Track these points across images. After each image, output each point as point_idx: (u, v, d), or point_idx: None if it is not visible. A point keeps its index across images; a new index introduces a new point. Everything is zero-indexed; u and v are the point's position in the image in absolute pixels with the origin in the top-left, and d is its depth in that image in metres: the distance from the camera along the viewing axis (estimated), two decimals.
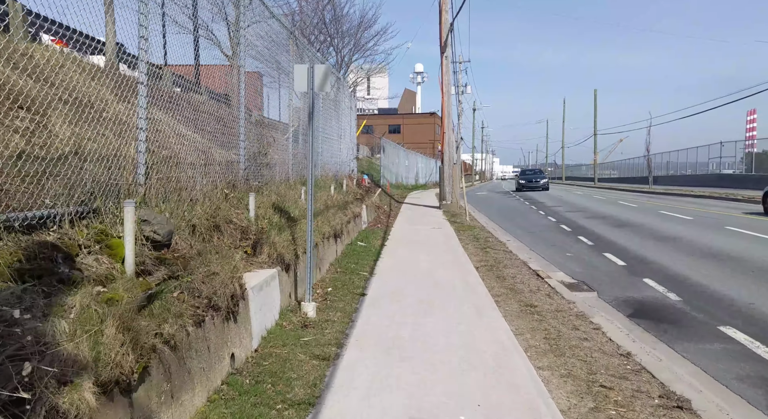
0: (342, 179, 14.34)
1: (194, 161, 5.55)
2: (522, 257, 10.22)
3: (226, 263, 4.29)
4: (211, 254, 4.62)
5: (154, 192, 4.48)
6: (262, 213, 6.30)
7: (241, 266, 4.53)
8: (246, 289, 4.50)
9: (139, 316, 2.93)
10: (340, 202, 11.30)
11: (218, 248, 5.29)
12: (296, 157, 10.87)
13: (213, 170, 6.03)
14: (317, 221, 8.09)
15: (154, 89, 5.21)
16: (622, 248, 11.14)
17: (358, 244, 11.09)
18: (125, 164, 4.21)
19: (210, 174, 5.88)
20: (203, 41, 10.00)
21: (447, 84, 21.17)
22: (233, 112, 6.89)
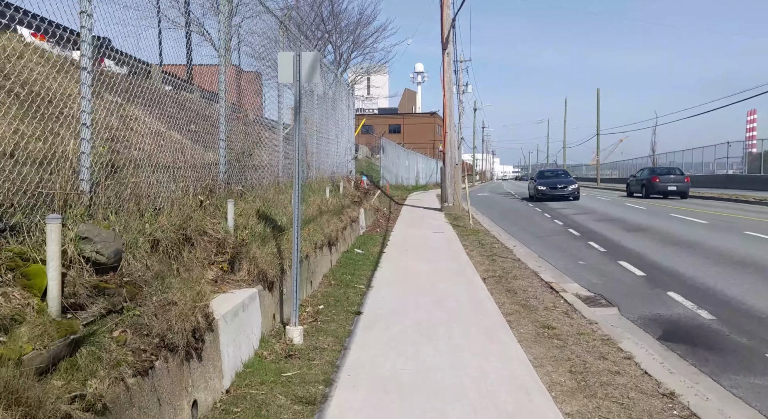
0: (339, 181, 13.59)
1: (160, 163, 4.80)
2: (531, 265, 9.46)
3: (189, 288, 3.53)
4: (173, 276, 3.87)
5: (104, 201, 3.73)
6: (243, 222, 5.55)
7: (208, 291, 3.78)
8: (214, 319, 3.74)
9: (49, 376, 2.18)
10: (336, 206, 10.54)
11: (189, 266, 4.55)
12: (289, 158, 10.12)
13: (186, 174, 5.28)
14: (309, 228, 7.34)
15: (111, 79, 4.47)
16: (638, 256, 10.39)
17: (355, 252, 10.34)
18: (62, 168, 3.45)
19: (181, 178, 5.13)
20: (195, 37, 9.31)
21: (449, 81, 20.42)
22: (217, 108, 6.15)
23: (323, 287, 7.34)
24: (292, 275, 5.03)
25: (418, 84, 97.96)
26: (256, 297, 4.76)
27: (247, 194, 6.51)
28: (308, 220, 7.78)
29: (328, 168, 13.05)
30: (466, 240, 12.58)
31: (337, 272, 8.27)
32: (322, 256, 7.77)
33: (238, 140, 6.65)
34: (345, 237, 10.36)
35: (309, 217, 7.92)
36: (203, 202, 5.24)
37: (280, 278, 5.51)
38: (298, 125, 4.95)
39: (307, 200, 8.60)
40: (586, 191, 43.51)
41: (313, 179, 10.89)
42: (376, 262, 9.35)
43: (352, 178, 17.42)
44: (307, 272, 6.79)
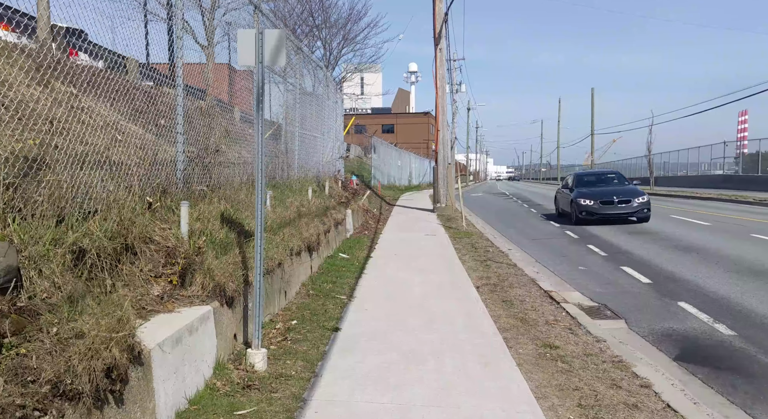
0: (325, 181, 12.87)
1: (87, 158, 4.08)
2: (528, 272, 8.79)
3: (107, 313, 2.81)
4: (101, 295, 3.15)
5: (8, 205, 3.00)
6: (201, 227, 4.83)
7: (132, 315, 3.04)
8: (143, 350, 3.02)
9: None
10: (319, 208, 9.83)
11: (130, 280, 3.84)
12: (270, 155, 9.40)
13: (132, 171, 4.55)
14: (284, 233, 6.63)
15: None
16: (641, 261, 9.73)
17: (339, 256, 9.62)
18: None
19: (126, 176, 4.41)
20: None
21: (441, 78, 19.75)
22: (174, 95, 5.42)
23: (300, 297, 6.63)
24: (255, 291, 4.31)
25: (411, 84, 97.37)
26: (210, 317, 4.04)
27: (211, 194, 5.78)
28: (284, 223, 7.06)
29: (313, 167, 12.33)
30: (459, 243, 11.90)
31: (317, 280, 7.56)
32: (299, 263, 7.06)
33: (202, 134, 5.92)
34: (329, 241, 9.65)
35: (286, 220, 7.20)
36: (152, 204, 4.52)
37: (243, 292, 4.79)
38: (260, 118, 4.23)
39: (284, 202, 7.89)
40: None
41: (294, 179, 10.18)
42: (362, 268, 8.64)
43: (340, 178, 16.71)
44: (281, 282, 6.08)
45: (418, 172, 49.84)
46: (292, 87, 10.38)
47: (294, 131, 10.63)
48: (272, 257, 5.75)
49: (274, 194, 8.04)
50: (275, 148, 9.39)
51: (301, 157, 11.16)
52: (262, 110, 4.20)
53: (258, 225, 4.32)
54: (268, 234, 6.12)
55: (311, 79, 13.34)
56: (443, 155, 19.97)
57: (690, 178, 44.18)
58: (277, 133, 10.71)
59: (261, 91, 4.19)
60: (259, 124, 4.25)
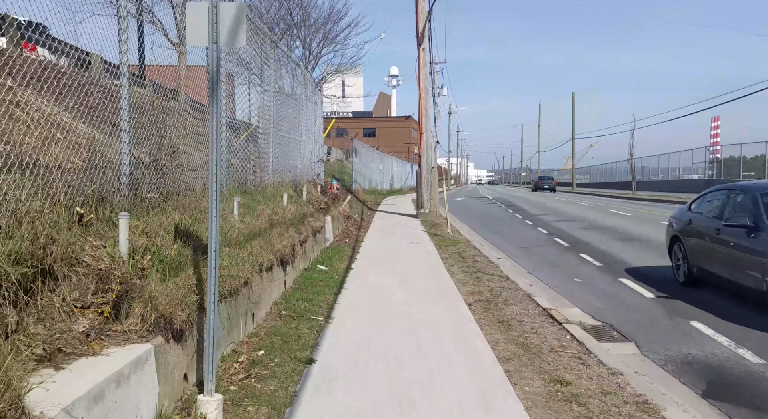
0: (302, 186, 12.08)
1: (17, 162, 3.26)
2: (522, 285, 8.11)
3: None
4: None
5: None
6: (147, 243, 4.02)
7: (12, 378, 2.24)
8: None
9: None
10: (295, 215, 9.04)
11: (46, 314, 3.05)
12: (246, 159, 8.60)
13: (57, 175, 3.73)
14: (252, 246, 5.83)
15: None
16: (640, 272, 9.13)
17: (317, 268, 8.84)
18: None
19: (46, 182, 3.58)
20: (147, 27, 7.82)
21: (424, 79, 19.08)
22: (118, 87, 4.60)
23: (271, 319, 5.83)
24: (208, 324, 3.52)
25: (392, 88, 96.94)
26: (150, 358, 3.24)
27: (165, 203, 4.97)
28: (254, 235, 6.26)
29: (289, 171, 11.53)
30: (446, 252, 11.20)
31: (291, 297, 6.77)
32: (270, 280, 6.27)
33: (155, 132, 5.10)
34: (305, 251, 8.85)
35: (256, 231, 6.40)
36: (83, 216, 3.70)
37: (198, 321, 3.99)
38: (216, 112, 3.45)
39: (255, 210, 7.09)
40: (564, 196, 42.77)
41: (268, 184, 9.37)
42: (341, 283, 7.87)
43: (319, 182, 15.91)
44: (248, 304, 5.28)
45: (400, 176, 49.21)
46: (267, 84, 9.58)
47: (268, 132, 9.82)
48: (237, 276, 4.96)
49: (243, 200, 7.23)
50: (246, 150, 8.58)
51: (276, 160, 10.36)
52: (217, 101, 3.42)
53: (212, 241, 3.53)
54: (233, 249, 5.33)
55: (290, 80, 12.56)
56: (427, 159, 19.30)
57: (671, 183, 44.27)
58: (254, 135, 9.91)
59: (216, 78, 3.41)
60: (215, 118, 3.47)
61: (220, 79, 3.38)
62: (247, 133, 10.37)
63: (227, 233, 5.43)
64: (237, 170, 7.85)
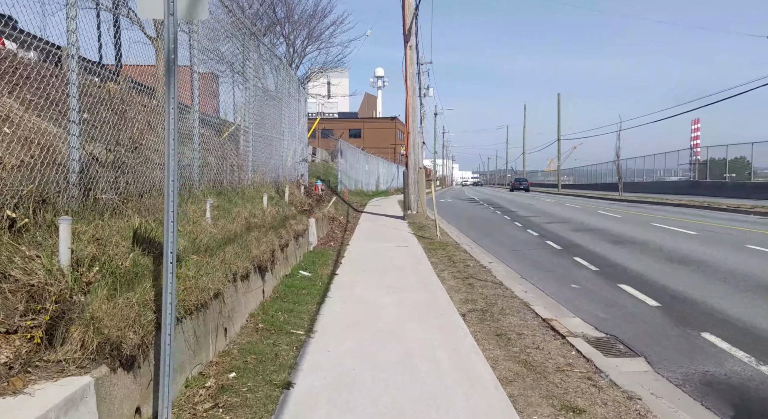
0: (285, 187, 11.50)
1: None
2: (517, 292, 7.63)
3: None
4: None
5: None
6: (95, 253, 3.44)
7: None
8: None
9: None
10: (276, 218, 8.47)
11: None
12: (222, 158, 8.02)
13: None
14: (224, 253, 5.26)
15: None
16: (639, 277, 8.71)
17: (299, 274, 8.28)
18: None
19: None
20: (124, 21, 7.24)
21: (412, 78, 18.60)
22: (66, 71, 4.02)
23: (246, 334, 5.27)
24: (162, 350, 2.96)
25: (378, 89, 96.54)
26: (89, 393, 2.68)
27: (124, 206, 4.39)
28: (228, 240, 5.70)
29: (271, 171, 10.95)
30: (435, 256, 10.70)
31: (270, 308, 6.20)
32: (246, 289, 5.70)
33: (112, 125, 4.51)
34: (287, 257, 8.29)
35: (230, 235, 5.83)
36: (16, 221, 3.12)
37: (155, 343, 3.42)
38: (172, 96, 2.90)
39: (230, 212, 6.51)
40: (551, 197, 42.55)
41: (247, 184, 8.79)
42: (325, 290, 7.32)
43: (303, 183, 15.33)
44: (218, 319, 4.72)
45: (386, 177, 48.72)
46: (247, 81, 9.01)
47: (248, 129, 9.25)
48: (206, 287, 4.39)
49: (218, 202, 6.66)
50: (224, 148, 8.00)
51: (256, 159, 9.78)
52: (174, 84, 2.87)
53: (167, 251, 2.98)
54: (202, 256, 4.76)
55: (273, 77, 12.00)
56: (414, 159, 18.80)
57: (656, 184, 44.39)
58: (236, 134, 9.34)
59: (173, 57, 2.86)
60: (171, 104, 2.91)
61: (176, 58, 2.82)
62: (229, 131, 9.81)
63: (195, 239, 4.86)
64: (212, 170, 7.27)
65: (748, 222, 17.47)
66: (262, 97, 10.89)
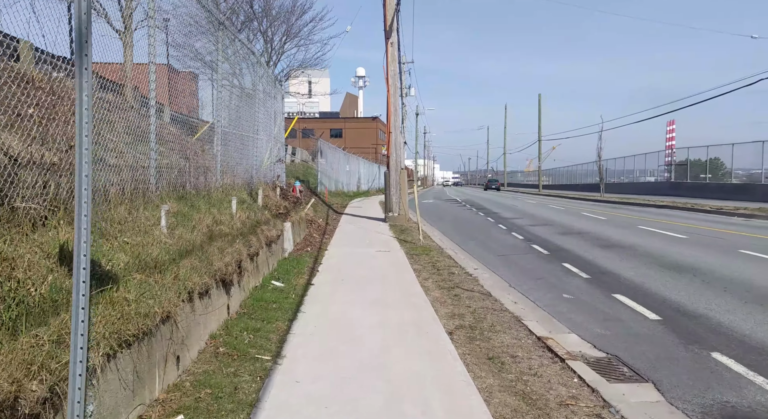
0: (258, 189, 10.80)
1: None
2: (507, 303, 7.07)
3: None
4: None
5: None
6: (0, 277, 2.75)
7: None
8: None
9: None
10: (246, 223, 7.79)
11: None
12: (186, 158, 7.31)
13: None
14: (178, 268, 4.58)
15: None
16: (633, 285, 8.22)
17: (271, 285, 7.61)
18: None
19: None
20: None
21: (393, 75, 17.99)
22: None
23: (204, 361, 4.60)
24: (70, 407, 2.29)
25: (359, 88, 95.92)
26: None
27: (52, 216, 3.69)
28: (185, 252, 5.01)
29: (243, 172, 10.24)
30: (418, 262, 10.12)
31: (234, 326, 5.53)
32: (206, 308, 5.02)
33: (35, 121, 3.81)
34: (257, 266, 7.61)
35: (188, 247, 5.15)
36: None
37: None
38: (84, 74, 2.23)
39: (189, 219, 5.82)
40: (534, 198, 42.30)
41: (215, 187, 8.09)
42: (299, 304, 6.66)
43: (280, 184, 14.62)
44: (169, 346, 4.04)
45: (367, 177, 48.08)
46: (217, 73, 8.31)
47: (219, 128, 8.54)
48: (149, 313, 3.71)
49: (178, 208, 5.97)
50: (185, 147, 7.30)
51: (227, 160, 9.08)
52: (85, 66, 2.20)
53: (78, 277, 2.30)
54: (147, 275, 4.07)
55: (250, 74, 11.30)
56: (396, 159, 18.20)
57: (636, 185, 44.49)
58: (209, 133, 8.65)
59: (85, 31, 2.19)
60: (83, 90, 2.24)
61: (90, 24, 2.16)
62: (202, 130, 9.13)
63: (141, 254, 4.17)
64: (173, 171, 6.56)
65: (734, 224, 17.22)
66: (234, 94, 10.20)
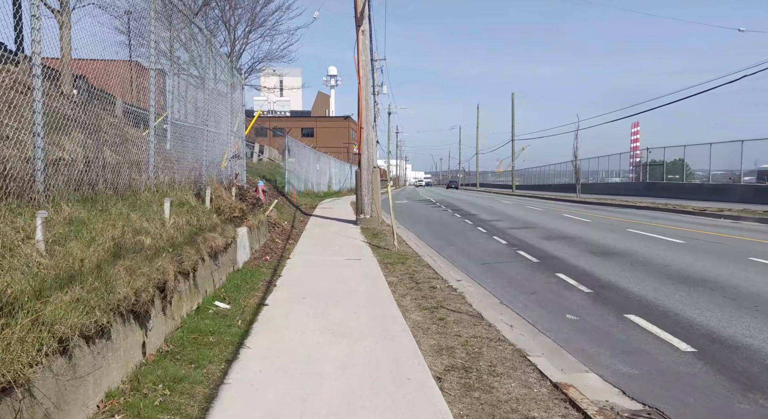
0: (207, 188, 9.27)
1: None
2: (504, 329, 5.78)
3: None
4: None
5: None
6: None
7: None
8: None
9: None
10: (185, 231, 6.30)
11: None
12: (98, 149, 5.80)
13: None
14: (45, 306, 3.10)
15: None
16: (645, 302, 7.02)
17: (213, 308, 6.14)
18: None
19: None
20: None
21: (365, 66, 16.59)
22: None
23: None
24: None
25: (331, 87, 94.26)
26: None
27: None
28: (72, 277, 3.53)
29: (188, 169, 8.71)
30: (394, 273, 8.77)
31: (147, 377, 4.05)
32: (94, 358, 3.54)
33: None
34: (196, 284, 6.13)
35: (74, 270, 3.67)
36: None
37: None
38: None
39: (91, 229, 4.31)
40: (509, 198, 41.41)
41: (146, 186, 6.57)
42: (244, 335, 5.22)
43: (239, 183, 13.06)
44: None
45: (338, 177, 46.57)
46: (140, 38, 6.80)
47: (151, 112, 7.01)
48: None
49: (79, 213, 4.47)
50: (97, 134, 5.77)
51: (165, 153, 7.56)
52: None
53: None
54: None
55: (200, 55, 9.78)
56: (368, 157, 16.81)
57: (609, 185, 44.10)
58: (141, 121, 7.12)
59: None
60: None
61: None
62: (159, 121, 7.62)
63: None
64: (77, 165, 5.03)
65: (725, 227, 16.37)
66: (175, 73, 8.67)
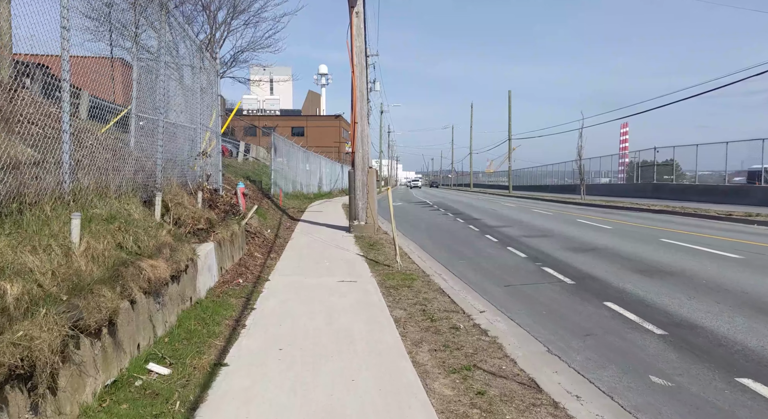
0: (161, 195, 7.24)
1: None
2: (571, 409, 3.82)
3: None
4: None
5: None
6: None
7: None
8: None
9: None
10: (106, 261, 4.30)
11: None
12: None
13: None
14: None
15: None
16: (762, 359, 5.10)
17: (144, 375, 4.11)
18: None
19: None
20: None
21: (359, 52, 14.62)
22: None
23: None
24: None
25: (322, 86, 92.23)
26: None
27: None
28: None
29: (132, 170, 6.66)
30: (400, 303, 6.83)
31: None
32: None
33: None
34: (117, 343, 4.11)
35: None
36: None
37: None
38: None
39: None
40: (510, 200, 39.52)
41: (53, 195, 4.54)
42: None
43: (211, 187, 11.00)
44: None
45: (329, 177, 44.51)
46: None
47: (65, 87, 4.98)
48: None
49: None
50: None
51: (92, 150, 5.53)
52: None
53: None
54: None
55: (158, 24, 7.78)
56: (362, 156, 14.82)
57: (613, 186, 42.47)
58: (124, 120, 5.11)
59: None
60: None
61: None
62: (118, 118, 5.71)
63: None
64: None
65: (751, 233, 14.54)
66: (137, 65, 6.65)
